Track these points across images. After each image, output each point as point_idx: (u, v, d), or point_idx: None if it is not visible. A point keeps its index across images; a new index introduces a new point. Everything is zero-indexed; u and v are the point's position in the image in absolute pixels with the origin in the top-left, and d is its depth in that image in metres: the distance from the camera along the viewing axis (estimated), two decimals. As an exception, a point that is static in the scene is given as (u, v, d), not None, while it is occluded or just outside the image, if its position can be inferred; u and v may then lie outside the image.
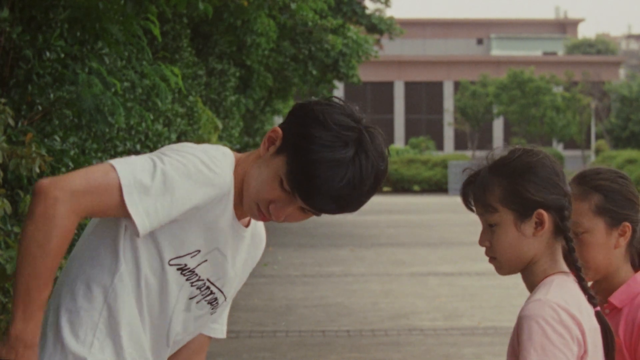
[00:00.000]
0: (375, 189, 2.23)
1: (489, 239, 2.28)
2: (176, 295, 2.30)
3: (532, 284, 2.28)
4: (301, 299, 10.55)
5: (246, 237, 2.39)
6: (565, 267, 2.29)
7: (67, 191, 2.10)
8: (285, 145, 2.23)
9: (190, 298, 2.34)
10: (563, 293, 2.21)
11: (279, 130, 2.26)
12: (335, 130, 2.21)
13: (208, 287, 2.36)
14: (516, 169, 2.26)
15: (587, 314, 2.22)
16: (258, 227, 2.47)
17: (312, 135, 2.21)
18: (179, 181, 2.17)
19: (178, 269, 2.28)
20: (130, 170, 2.16)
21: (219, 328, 2.55)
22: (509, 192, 2.24)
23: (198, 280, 2.32)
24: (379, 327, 8.89)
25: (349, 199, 2.20)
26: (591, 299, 2.26)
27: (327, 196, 2.18)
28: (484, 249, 2.29)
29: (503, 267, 2.29)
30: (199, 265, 2.30)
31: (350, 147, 2.20)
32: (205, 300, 2.38)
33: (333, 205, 2.20)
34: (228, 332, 9.34)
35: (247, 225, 2.39)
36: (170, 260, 2.26)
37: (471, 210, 2.31)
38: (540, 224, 2.24)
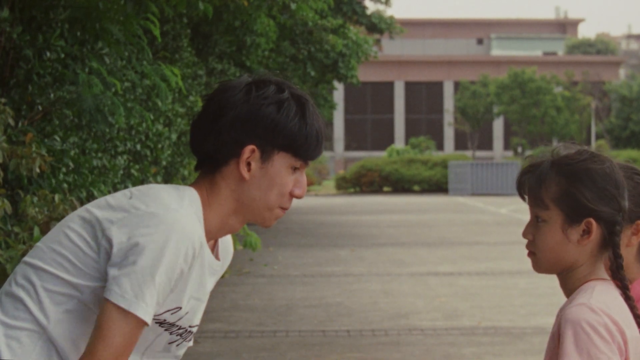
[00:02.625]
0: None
1: (533, 232, 2.21)
2: (151, 340, 2.24)
3: (570, 289, 2.22)
4: (301, 299, 10.56)
5: (218, 270, 2.33)
6: (605, 275, 2.23)
7: None
8: (264, 146, 2.20)
9: (170, 343, 2.28)
10: (606, 299, 2.15)
11: (248, 149, 2.20)
12: (266, 97, 2.22)
13: (189, 332, 2.31)
14: (577, 172, 2.19)
15: (629, 322, 2.17)
16: (225, 243, 2.42)
17: (263, 114, 2.19)
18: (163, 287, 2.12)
19: (156, 322, 2.20)
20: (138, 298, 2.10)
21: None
22: (564, 193, 2.18)
23: (179, 329, 2.27)
24: (379, 327, 8.90)
25: (321, 131, 2.24)
26: (633, 308, 2.20)
27: (313, 135, 2.21)
28: (484, 249, 2.27)
29: (541, 265, 2.22)
30: (180, 319, 2.24)
31: (286, 94, 2.24)
32: (185, 341, 2.33)
33: (319, 142, 2.24)
34: (228, 332, 9.31)
35: (217, 256, 2.34)
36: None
37: (523, 199, 2.24)
38: (587, 232, 2.17)
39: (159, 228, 2.09)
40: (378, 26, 24.33)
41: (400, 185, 39.40)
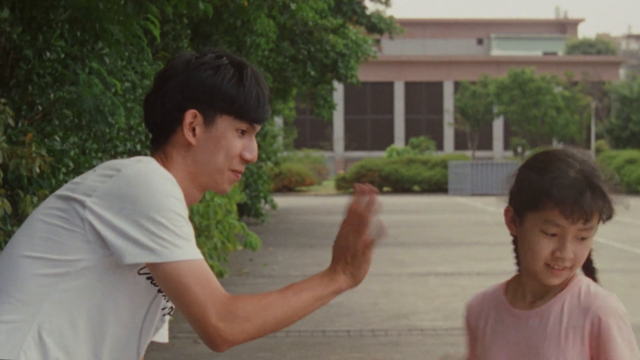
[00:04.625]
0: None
1: (574, 250, 2.19)
2: (147, 308, 2.22)
3: (547, 286, 2.23)
4: (301, 299, 10.56)
5: None
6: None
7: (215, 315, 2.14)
8: (205, 110, 2.25)
9: (162, 309, 2.27)
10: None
11: (190, 114, 2.24)
12: (203, 63, 2.27)
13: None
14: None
15: None
16: None
17: (200, 78, 2.25)
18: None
19: (148, 279, 2.18)
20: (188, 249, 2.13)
21: (164, 332, 2.45)
22: (608, 215, 2.20)
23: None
24: (379, 327, 8.90)
25: (262, 93, 2.29)
26: None
27: (252, 96, 2.26)
28: (484, 248, 2.26)
29: (567, 276, 2.23)
30: None
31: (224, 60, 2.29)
32: (169, 313, 2.32)
33: (260, 103, 2.28)
34: (228, 332, 9.29)
35: None
36: (140, 269, 2.16)
37: (586, 221, 2.17)
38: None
39: (137, 178, 2.12)
40: (378, 26, 24.34)
41: (400, 185, 39.40)
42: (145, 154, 9.96)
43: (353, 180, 39.38)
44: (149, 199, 2.09)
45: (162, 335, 2.41)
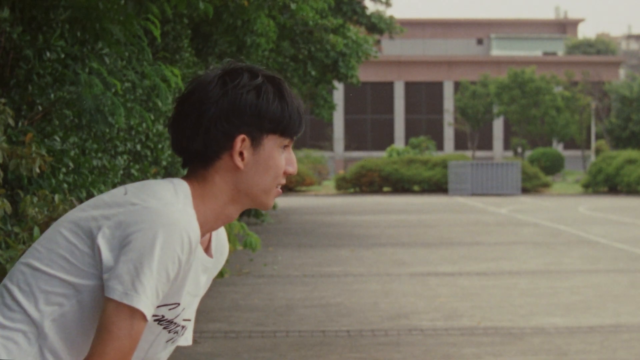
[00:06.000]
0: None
1: None
2: (151, 341, 2.24)
3: None
4: (301, 299, 10.56)
5: (210, 268, 2.34)
6: None
7: None
8: (253, 133, 2.23)
9: (167, 341, 2.29)
10: None
11: (239, 139, 2.22)
12: (243, 85, 2.25)
13: (184, 327, 2.31)
14: None
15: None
16: (220, 236, 2.42)
17: (245, 102, 2.23)
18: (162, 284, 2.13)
19: (155, 320, 2.20)
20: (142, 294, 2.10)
21: (188, 337, 2.46)
22: None
23: (176, 326, 2.28)
24: (379, 327, 8.90)
25: (301, 106, 2.30)
26: None
27: (295, 112, 2.26)
28: (484, 249, 2.27)
29: None
30: (177, 316, 2.25)
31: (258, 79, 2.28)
32: (179, 336, 2.33)
33: (301, 117, 2.29)
34: (228, 332, 9.30)
35: (210, 253, 2.36)
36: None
37: None
38: None
39: (153, 221, 2.10)
40: (378, 26, 24.34)
41: (400, 185, 39.39)
42: (146, 155, 9.97)
43: (353, 180, 39.39)
44: (149, 259, 2.08)
45: (186, 339, 2.42)
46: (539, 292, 10.96)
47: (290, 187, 39.79)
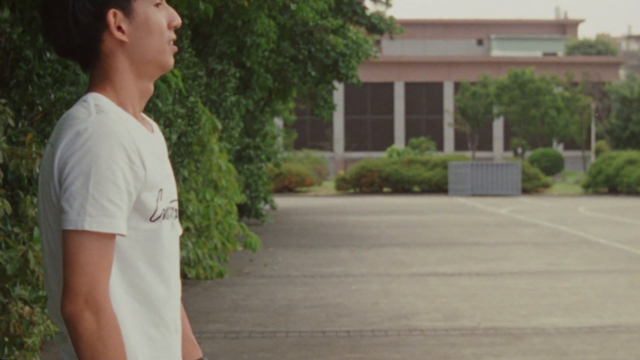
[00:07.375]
0: None
1: None
2: (171, 241, 2.29)
3: None
4: (301, 299, 10.55)
5: (158, 143, 2.34)
6: None
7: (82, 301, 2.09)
8: (120, 3, 2.23)
9: (172, 229, 2.32)
10: None
11: (110, 15, 2.22)
12: None
13: (175, 209, 2.33)
14: None
15: None
16: (146, 118, 2.43)
17: None
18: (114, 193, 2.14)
19: (159, 217, 2.24)
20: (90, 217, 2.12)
21: (176, 223, 2.49)
22: None
23: (173, 210, 2.30)
24: (379, 327, 8.90)
25: None
26: None
27: None
28: (484, 249, 2.26)
29: None
30: (172, 200, 2.29)
31: None
32: (176, 221, 2.36)
33: None
34: (228, 332, 9.30)
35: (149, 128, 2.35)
36: (151, 217, 2.22)
37: None
38: None
39: (80, 146, 2.12)
40: (378, 27, 24.33)
41: (400, 185, 39.38)
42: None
43: (353, 180, 39.39)
44: (93, 176, 2.11)
45: (178, 227, 2.44)
46: (539, 293, 10.96)
47: (290, 187, 39.78)
